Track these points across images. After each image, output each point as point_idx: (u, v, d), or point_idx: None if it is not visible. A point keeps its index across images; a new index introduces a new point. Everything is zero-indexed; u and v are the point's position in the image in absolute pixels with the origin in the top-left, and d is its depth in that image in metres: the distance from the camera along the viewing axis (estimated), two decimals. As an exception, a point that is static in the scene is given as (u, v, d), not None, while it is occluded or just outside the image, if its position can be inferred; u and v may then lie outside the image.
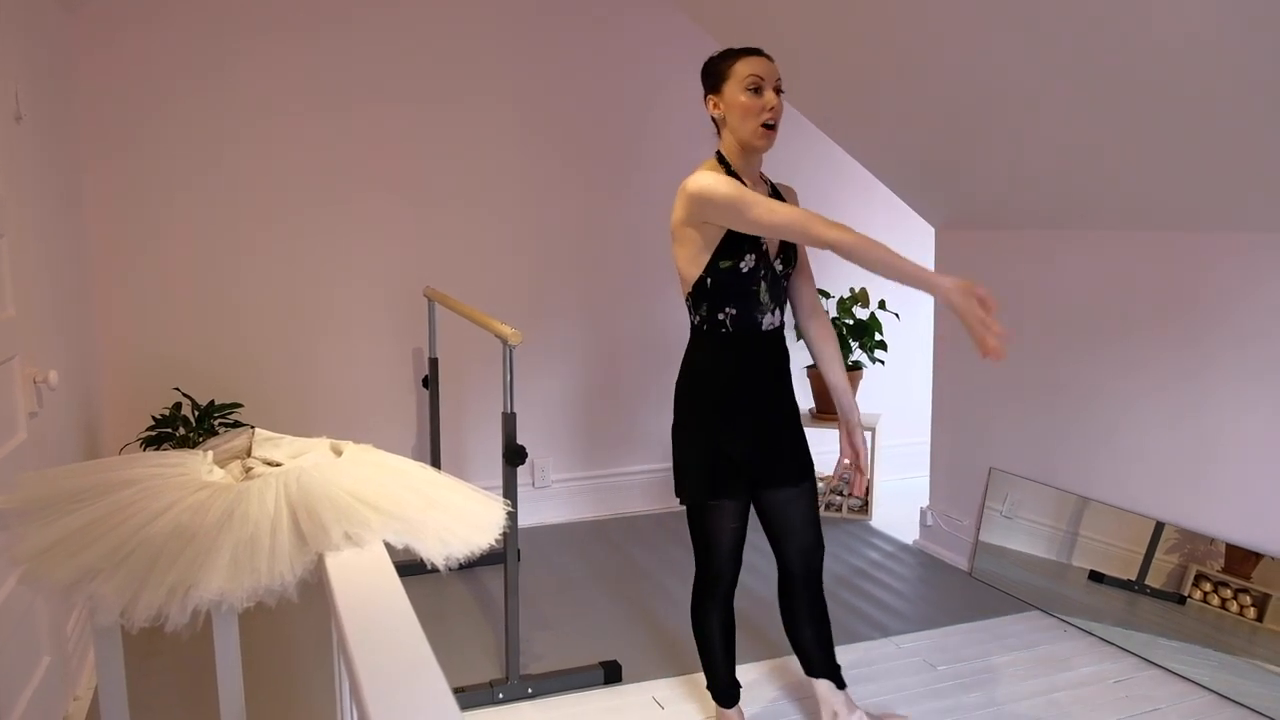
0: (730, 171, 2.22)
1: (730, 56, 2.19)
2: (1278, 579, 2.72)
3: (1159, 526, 3.04)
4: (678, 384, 2.35)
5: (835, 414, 4.53)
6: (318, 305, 4.02)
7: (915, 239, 4.81)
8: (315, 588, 1.46)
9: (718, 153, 2.26)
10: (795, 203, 2.34)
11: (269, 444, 1.94)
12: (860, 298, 4.55)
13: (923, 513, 4.15)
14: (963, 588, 3.66)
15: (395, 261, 4.11)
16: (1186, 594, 2.93)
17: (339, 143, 3.97)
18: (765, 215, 2.05)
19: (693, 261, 2.21)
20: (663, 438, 4.65)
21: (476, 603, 3.51)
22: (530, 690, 2.84)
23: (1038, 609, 3.39)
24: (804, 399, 4.78)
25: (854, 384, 4.57)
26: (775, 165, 4.70)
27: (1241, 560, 2.81)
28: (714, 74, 2.21)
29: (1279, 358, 2.70)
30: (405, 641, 1.03)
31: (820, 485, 4.63)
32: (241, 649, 1.94)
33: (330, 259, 4.01)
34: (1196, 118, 2.46)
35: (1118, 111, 2.64)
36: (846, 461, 2.47)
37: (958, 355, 3.90)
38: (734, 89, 2.16)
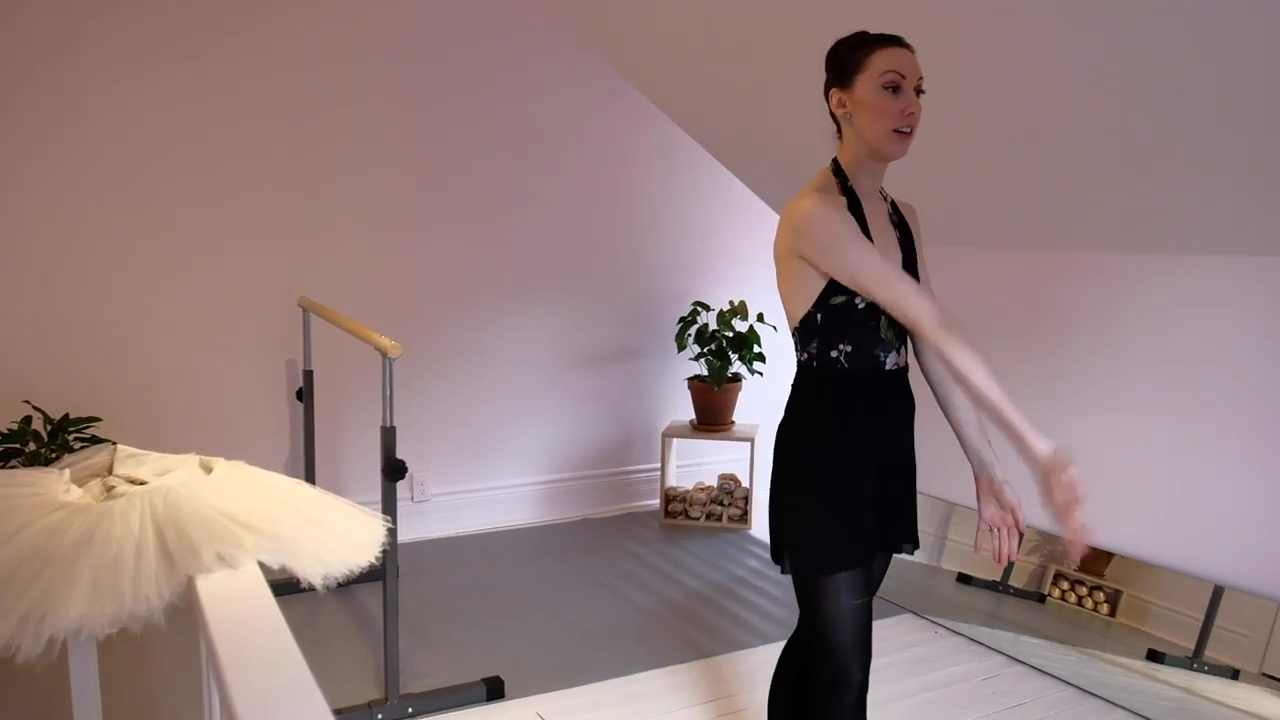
0: (846, 187, 1.85)
1: (866, 44, 1.80)
2: (1128, 576, 2.87)
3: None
4: (781, 432, 1.96)
5: (716, 425, 4.64)
6: (184, 314, 3.86)
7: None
8: (184, 612, 1.40)
9: (834, 161, 1.89)
10: (916, 224, 2.01)
11: (132, 461, 1.85)
12: (739, 310, 4.62)
13: (800, 520, 4.23)
14: (839, 593, 3.75)
15: (268, 270, 3.98)
16: (1046, 593, 3.07)
17: (208, 144, 3.82)
18: (876, 285, 1.73)
19: (799, 294, 1.87)
20: (545, 448, 4.64)
21: (353, 621, 3.42)
22: (411, 710, 2.78)
23: (910, 612, 3.50)
24: (684, 410, 4.85)
25: (734, 396, 4.65)
26: (646, 179, 4.76)
27: (1095, 559, 2.96)
28: (843, 64, 1.82)
29: (1135, 368, 2.87)
30: (284, 666, 0.99)
31: (707, 496, 4.69)
32: (101, 677, 1.85)
33: (199, 266, 3.86)
34: (1060, 144, 2.59)
35: (980, 134, 2.76)
36: (991, 529, 2.00)
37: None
38: (867, 85, 1.78)
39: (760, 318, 4.67)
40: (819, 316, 1.85)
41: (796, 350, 1.95)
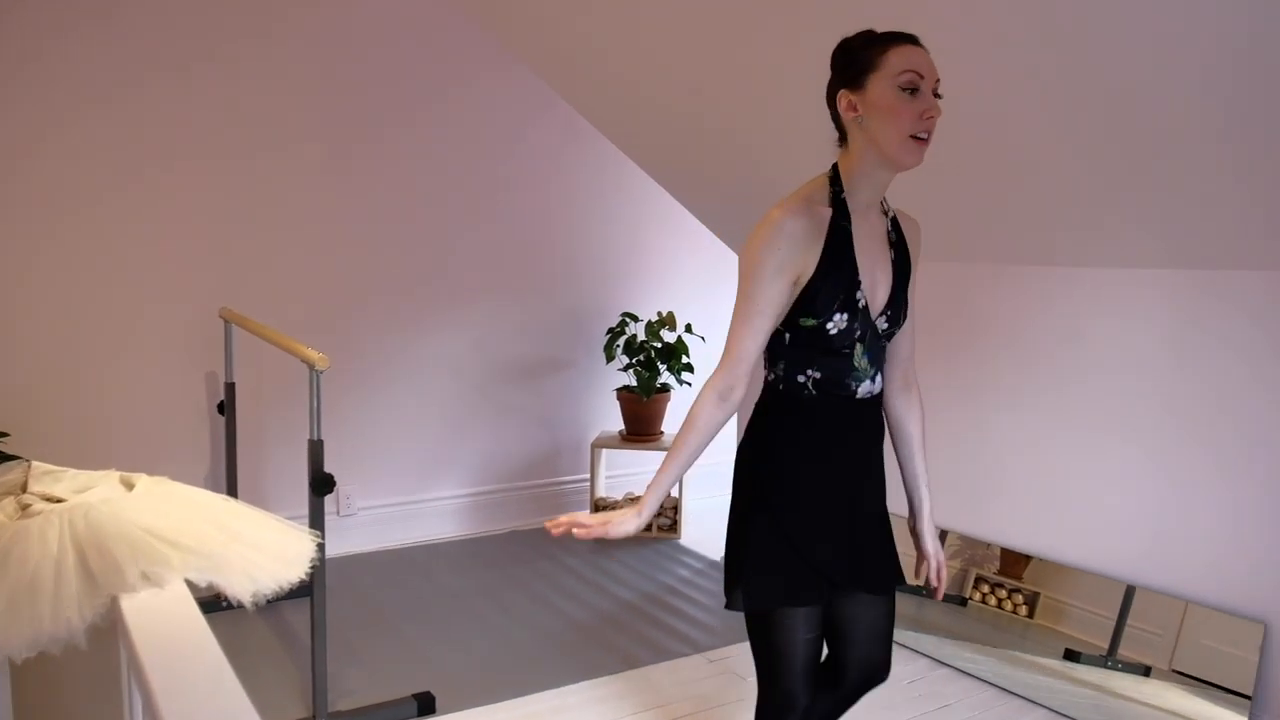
0: (837, 198, 1.71)
1: (879, 42, 1.64)
2: (1046, 579, 2.96)
3: (942, 534, 3.25)
4: (739, 455, 1.86)
5: (646, 436, 4.65)
6: (99, 325, 3.75)
7: (724, 263, 4.99)
8: (105, 633, 1.37)
9: (833, 168, 1.74)
10: (917, 241, 1.86)
11: (48, 478, 1.79)
12: (667, 321, 4.65)
13: (729, 529, 4.27)
14: (768, 600, 3.79)
15: (188, 280, 3.89)
16: (968, 596, 3.15)
17: (126, 149, 3.73)
18: (735, 319, 1.70)
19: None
20: (473, 460, 4.61)
21: (279, 639, 3.36)
22: (339, 728, 2.74)
23: (837, 617, 3.56)
24: (613, 421, 4.86)
25: (663, 407, 4.67)
26: (575, 191, 4.78)
27: (1014, 562, 3.05)
28: (854, 62, 1.66)
29: (1052, 379, 2.96)
30: (218, 688, 0.98)
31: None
32: (16, 701, 1.78)
33: (115, 275, 3.75)
34: (983, 160, 2.67)
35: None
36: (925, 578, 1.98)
37: (761, 377, 4.05)
38: (882, 85, 1.61)
39: (689, 328, 4.70)
40: (787, 337, 1.73)
41: (764, 368, 1.82)
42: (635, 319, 4.74)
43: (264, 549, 1.64)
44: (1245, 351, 2.50)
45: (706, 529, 4.63)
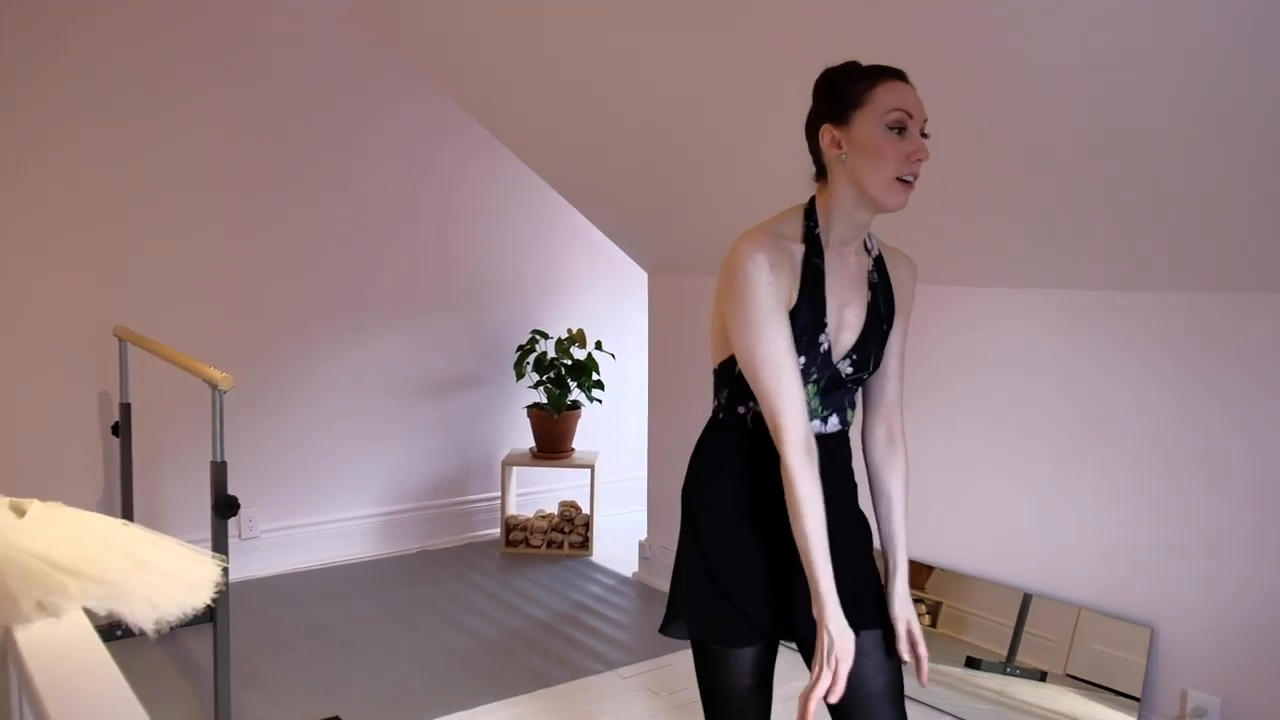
0: (811, 234, 1.60)
1: (867, 77, 1.55)
2: (947, 588, 3.05)
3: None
4: (684, 484, 1.78)
5: (556, 453, 4.65)
6: (-15, 347, 3.60)
7: (634, 281, 5.02)
8: (-2, 665, 1.31)
9: (810, 201, 1.64)
10: (908, 283, 1.74)
11: (-67, 506, 1.71)
12: (578, 338, 4.67)
13: (641, 545, 4.30)
14: (679, 616, 3.81)
15: (80, 297, 3.75)
16: (875, 608, 3.22)
17: (16, 164, 3.59)
18: (764, 378, 1.52)
19: (723, 335, 1.64)
20: (381, 479, 4.54)
21: (179, 667, 3.25)
22: (242, 757, 2.66)
23: (747, 631, 3.60)
24: (524, 438, 4.84)
25: (573, 424, 4.67)
26: (484, 209, 4.76)
27: (917, 573, 3.13)
28: (839, 96, 1.57)
29: (952, 396, 3.05)
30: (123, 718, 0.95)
31: (542, 523, 4.68)
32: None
33: (1, 291, 3.60)
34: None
35: (795, 174, 2.90)
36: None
37: (670, 393, 4.09)
38: (869, 123, 1.52)
39: (599, 345, 4.72)
40: (736, 366, 1.61)
41: (713, 396, 1.74)
42: (545, 336, 4.74)
43: (167, 574, 1.58)
44: (1128, 371, 2.62)
45: (618, 546, 4.64)
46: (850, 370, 1.65)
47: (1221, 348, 2.43)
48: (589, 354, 4.70)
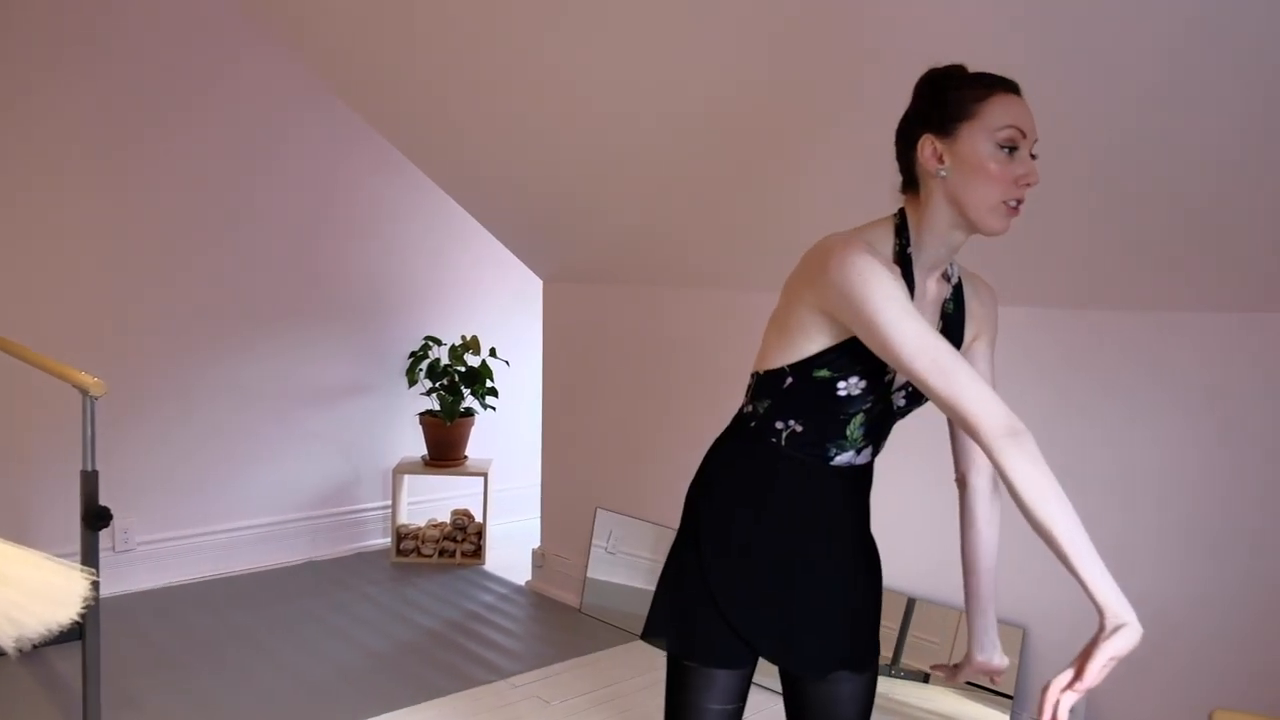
0: (903, 252, 1.46)
1: (980, 85, 1.40)
2: (836, 594, 3.12)
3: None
4: (691, 487, 1.65)
5: (449, 461, 4.59)
6: None
7: (530, 288, 5.00)
8: None
9: (900, 214, 1.49)
10: (994, 311, 1.62)
11: None
12: (471, 345, 4.62)
13: (535, 554, 4.27)
14: (573, 624, 3.80)
15: (-60, 299, 3.56)
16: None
17: None
18: (929, 369, 1.31)
19: (783, 342, 1.50)
20: (266, 488, 4.41)
21: (43, 689, 3.09)
22: (113, 780, 2.55)
23: (634, 636, 3.61)
24: (416, 446, 4.77)
25: (466, 431, 4.62)
26: (375, 213, 4.68)
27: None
28: (946, 104, 1.41)
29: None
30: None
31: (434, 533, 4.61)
32: None
33: None
34: (762, 196, 2.80)
35: (690, 184, 2.93)
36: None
37: (564, 400, 4.08)
38: (978, 138, 1.38)
39: (493, 352, 4.68)
40: (789, 379, 1.50)
41: (745, 396, 1.61)
42: (438, 343, 4.68)
43: (29, 589, 1.51)
44: (1003, 385, 2.72)
45: (511, 554, 4.60)
46: (903, 403, 1.56)
47: (1081, 363, 2.55)
48: (483, 361, 4.65)
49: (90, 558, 2.40)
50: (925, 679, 2.86)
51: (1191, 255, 2.19)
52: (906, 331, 1.32)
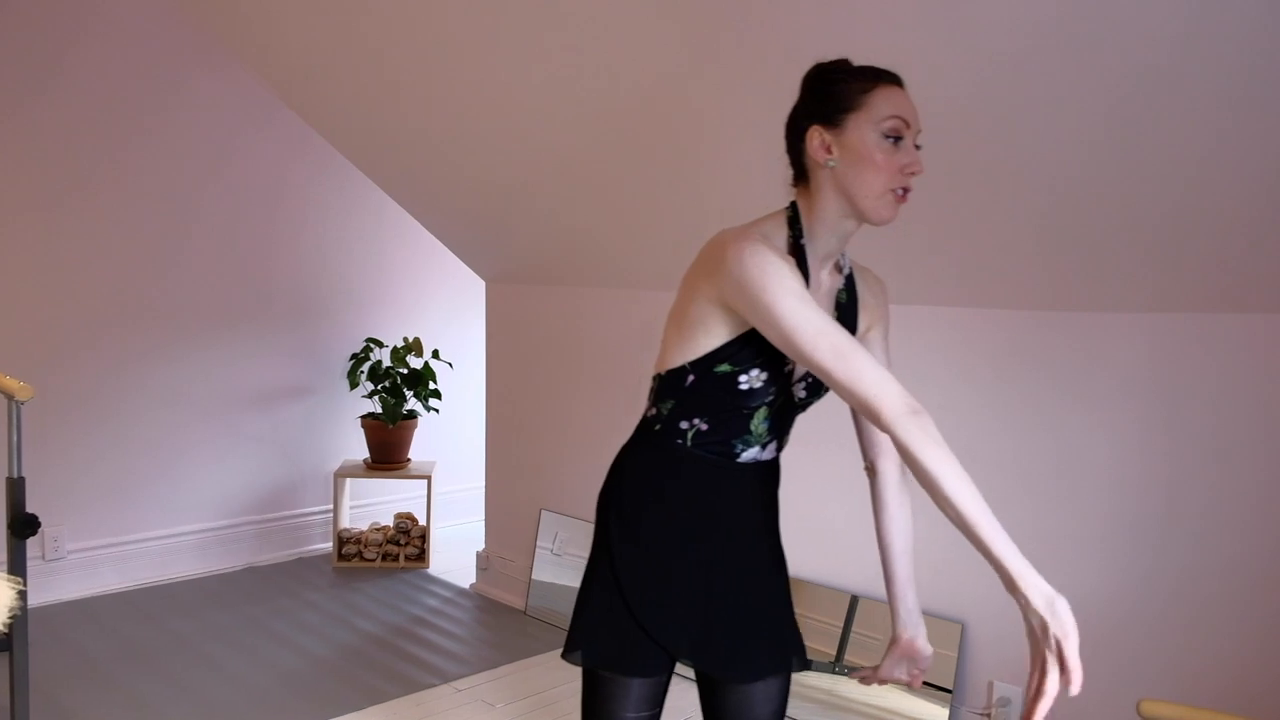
0: (797, 243, 1.49)
1: (864, 78, 1.44)
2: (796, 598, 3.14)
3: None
4: (601, 493, 1.63)
5: (392, 464, 4.54)
6: None
7: (472, 289, 4.97)
8: None
9: (792, 207, 1.52)
10: (885, 301, 1.66)
11: None
12: (414, 347, 4.57)
13: (479, 557, 4.24)
14: (519, 626, 3.79)
15: None
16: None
17: None
18: (826, 354, 1.32)
19: (683, 339, 1.51)
20: (203, 494, 4.33)
21: (-29, 701, 3.00)
22: (43, 794, 2.48)
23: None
24: (358, 449, 4.72)
25: (409, 434, 4.58)
26: (316, 214, 4.62)
27: (753, 578, 3.20)
28: (832, 96, 1.45)
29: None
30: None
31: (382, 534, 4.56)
32: None
33: None
34: (694, 198, 2.82)
35: (631, 185, 2.94)
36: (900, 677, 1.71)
37: (508, 402, 4.06)
38: (864, 129, 1.41)
39: (436, 354, 4.64)
40: (690, 377, 1.50)
41: (648, 401, 1.61)
42: (380, 345, 4.63)
43: (-48, 600, 1.46)
44: (945, 383, 2.76)
45: (456, 557, 4.57)
46: (804, 394, 1.58)
47: (1029, 361, 2.59)
48: (426, 363, 4.61)
49: (18, 566, 2.33)
50: (868, 675, 2.89)
51: (1137, 257, 2.24)
52: (805, 320, 1.34)
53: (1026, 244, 2.37)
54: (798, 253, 1.49)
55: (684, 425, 1.54)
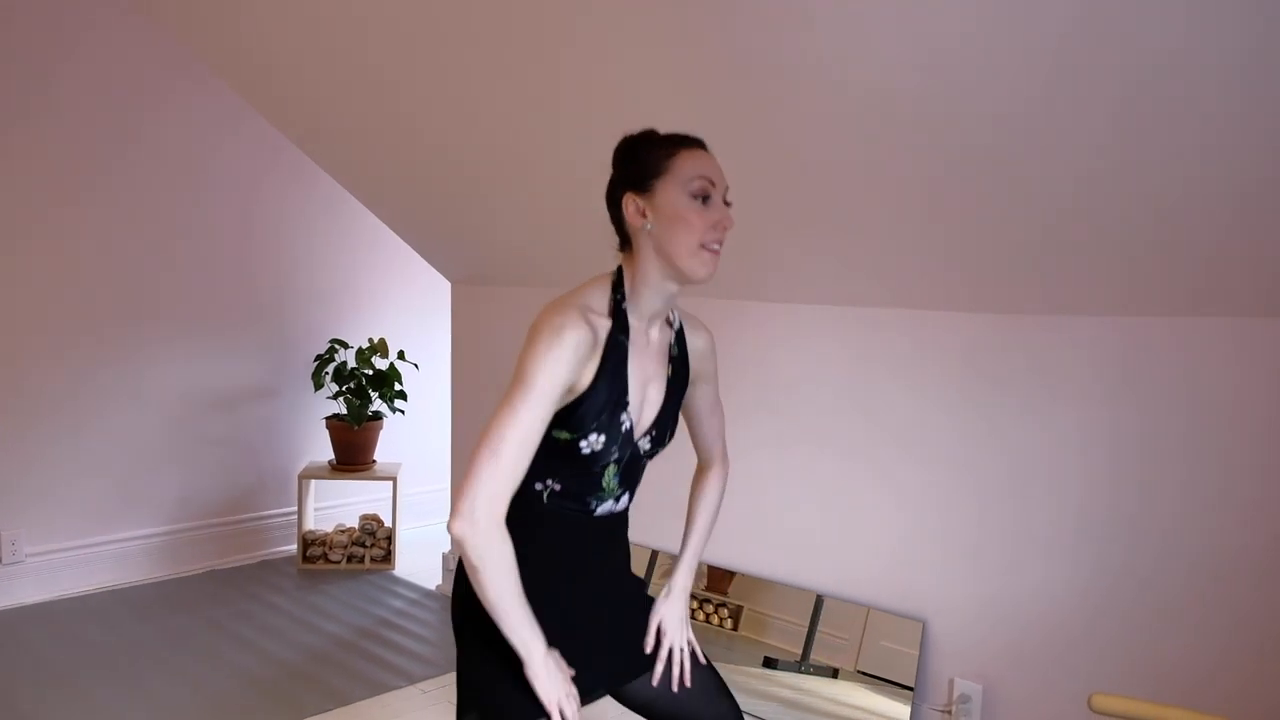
0: (619, 306, 1.57)
1: (667, 145, 1.55)
2: (748, 592, 3.16)
3: (654, 554, 3.39)
4: (461, 563, 1.61)
5: (357, 465, 4.52)
6: None
7: (437, 291, 4.95)
8: None
9: (618, 272, 1.61)
10: (709, 353, 1.76)
11: None
12: (379, 347, 4.55)
13: (444, 558, 4.23)
14: (484, 628, 3.78)
15: None
16: (677, 613, 3.29)
17: None
18: (496, 437, 1.44)
19: None
20: (166, 496, 4.28)
21: (-74, 708, 2.96)
22: (2, 802, 2.45)
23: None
24: (323, 450, 4.69)
25: (375, 435, 4.56)
26: (281, 215, 4.58)
27: (720, 579, 3.22)
28: (640, 165, 1.55)
29: (747, 409, 3.17)
30: None
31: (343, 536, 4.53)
32: None
33: None
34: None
35: (593, 186, 2.94)
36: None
37: (474, 404, 4.05)
38: (673, 192, 1.51)
39: (401, 355, 4.62)
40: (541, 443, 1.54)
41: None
42: (345, 345, 4.60)
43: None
44: (903, 386, 2.79)
45: (421, 559, 4.55)
46: (649, 446, 1.66)
47: (981, 365, 2.63)
48: (391, 364, 4.59)
49: (-23, 572, 2.30)
50: (834, 674, 2.92)
51: (1079, 261, 2.28)
52: (513, 409, 1.44)
53: (969, 247, 2.40)
54: (618, 315, 1.56)
55: (539, 487, 1.60)
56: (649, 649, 1.73)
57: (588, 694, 1.64)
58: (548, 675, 1.48)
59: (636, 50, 2.39)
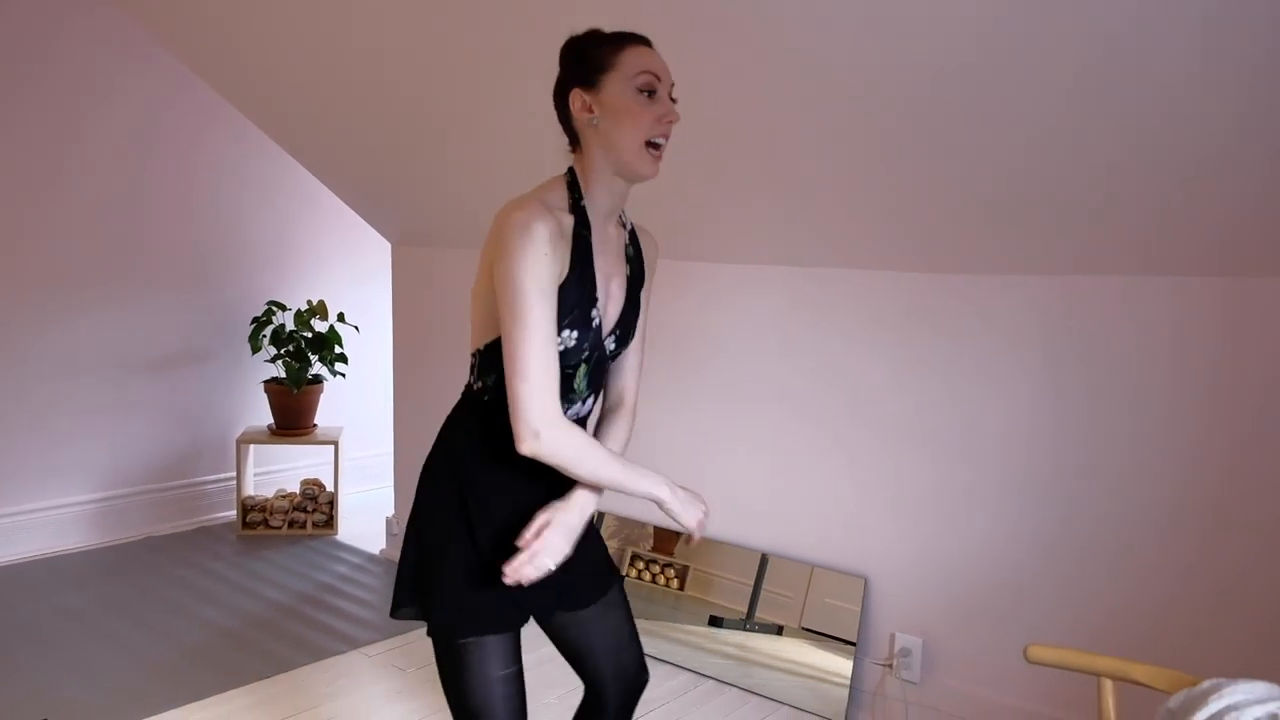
0: (577, 204, 1.56)
1: (613, 41, 1.55)
2: (694, 552, 3.17)
3: (599, 515, 3.38)
4: (427, 465, 1.68)
5: (297, 429, 4.44)
6: None
7: (379, 252, 4.85)
8: None
9: (569, 172, 1.61)
10: (654, 258, 1.76)
11: None
12: (318, 310, 4.46)
13: (388, 522, 4.19)
14: (428, 592, 3.75)
15: None
16: (625, 573, 3.30)
17: None
18: (519, 351, 1.44)
19: (490, 315, 1.55)
20: (97, 462, 4.18)
21: None
22: (-71, 775, 2.38)
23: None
24: (262, 415, 4.60)
25: (315, 399, 4.48)
26: (215, 174, 4.45)
27: (666, 540, 3.23)
28: (586, 61, 1.55)
29: (695, 369, 3.16)
30: None
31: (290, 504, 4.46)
32: None
33: None
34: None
35: (535, 147, 2.89)
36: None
37: (416, 366, 3.99)
38: (619, 86, 1.51)
39: (341, 317, 4.54)
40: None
41: (470, 375, 1.66)
42: (283, 308, 4.50)
43: None
44: (849, 346, 2.80)
45: (364, 523, 4.50)
46: (613, 346, 1.66)
47: (928, 324, 2.65)
48: (331, 326, 4.51)
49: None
50: (778, 631, 2.94)
51: (1029, 220, 2.30)
52: (531, 304, 1.43)
53: (918, 207, 2.41)
54: (578, 211, 1.56)
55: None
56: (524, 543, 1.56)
57: (545, 615, 1.70)
58: (682, 505, 1.58)
59: (574, 6, 2.34)
